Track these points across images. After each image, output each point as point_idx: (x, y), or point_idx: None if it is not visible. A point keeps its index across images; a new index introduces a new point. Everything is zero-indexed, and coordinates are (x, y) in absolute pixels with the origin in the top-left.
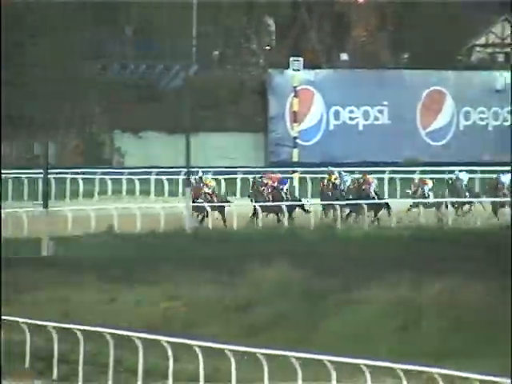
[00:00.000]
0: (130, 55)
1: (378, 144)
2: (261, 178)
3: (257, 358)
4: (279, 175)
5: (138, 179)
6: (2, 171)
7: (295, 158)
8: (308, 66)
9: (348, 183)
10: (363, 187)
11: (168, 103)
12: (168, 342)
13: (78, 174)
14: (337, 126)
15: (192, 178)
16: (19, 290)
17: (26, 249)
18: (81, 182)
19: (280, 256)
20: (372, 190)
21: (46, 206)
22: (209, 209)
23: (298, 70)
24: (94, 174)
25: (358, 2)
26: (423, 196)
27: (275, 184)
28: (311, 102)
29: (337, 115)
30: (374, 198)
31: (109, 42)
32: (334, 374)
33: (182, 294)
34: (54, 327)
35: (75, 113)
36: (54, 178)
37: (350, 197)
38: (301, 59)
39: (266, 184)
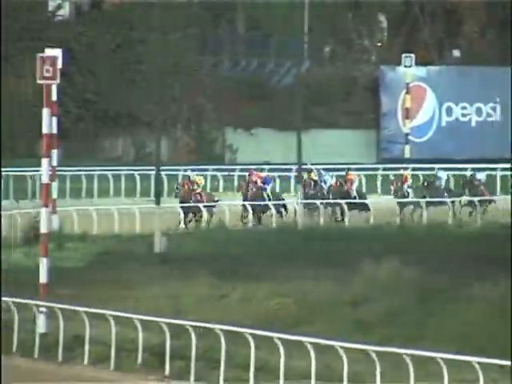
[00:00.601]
0: (242, 52)
1: (490, 141)
2: (249, 175)
3: (368, 355)
4: (262, 174)
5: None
6: (116, 168)
7: (407, 155)
8: (419, 62)
9: (328, 183)
10: (345, 186)
11: (279, 100)
12: (279, 339)
13: (190, 171)
14: (449, 122)
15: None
16: (132, 286)
17: (139, 245)
18: None
19: (387, 252)
20: (354, 188)
21: (158, 202)
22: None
23: (410, 67)
24: (206, 171)
25: None
26: None
27: (259, 183)
28: (423, 98)
29: (449, 112)
30: (355, 197)
31: (221, 40)
32: (445, 372)
33: (292, 290)
34: (167, 323)
35: (187, 110)
36: (166, 175)
37: (331, 196)
38: (412, 56)
39: (255, 182)
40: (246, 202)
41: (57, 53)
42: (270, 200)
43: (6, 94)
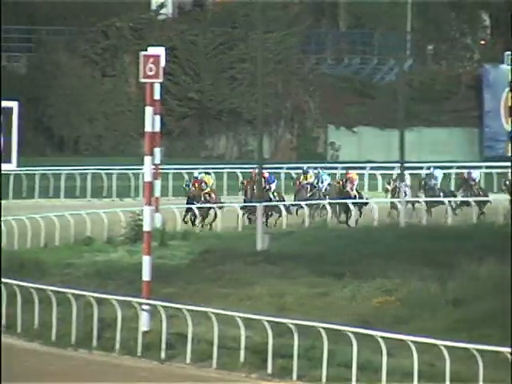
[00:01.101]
0: (345, 50)
1: None
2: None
3: (471, 354)
4: (266, 174)
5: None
6: (218, 166)
7: (509, 153)
8: None
9: (326, 182)
10: (345, 186)
11: (382, 98)
12: (382, 337)
13: (291, 168)
14: None
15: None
16: (235, 285)
17: (241, 243)
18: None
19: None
20: (355, 188)
21: (260, 200)
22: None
23: None
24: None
25: None
26: None
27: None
28: None
29: None
30: (355, 196)
31: (323, 37)
32: None
33: (396, 288)
34: (269, 321)
35: (290, 108)
36: (269, 172)
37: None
38: None
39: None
40: (303, 202)
41: (160, 51)
42: (274, 199)
43: (109, 92)
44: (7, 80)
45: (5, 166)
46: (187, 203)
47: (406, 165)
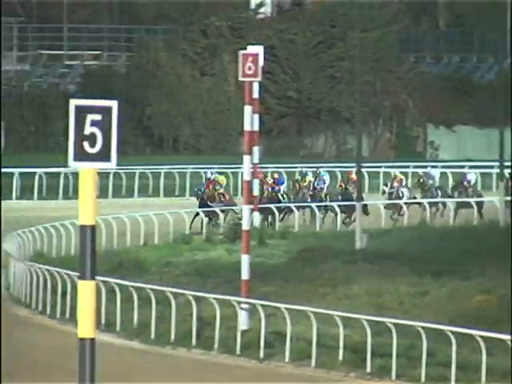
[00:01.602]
0: (444, 48)
1: None
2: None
3: None
4: (276, 175)
5: (451, 173)
6: (317, 165)
7: None
8: None
9: (327, 183)
10: (347, 187)
11: (481, 97)
12: (481, 337)
13: (390, 167)
14: None
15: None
16: (334, 283)
17: (339, 242)
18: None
19: None
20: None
21: (359, 199)
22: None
23: None
24: (407, 167)
25: None
26: None
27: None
28: None
29: None
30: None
31: (422, 36)
32: None
33: (495, 287)
34: (367, 320)
35: (388, 106)
36: (367, 171)
37: (338, 198)
38: None
39: (269, 183)
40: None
41: (259, 50)
42: (284, 200)
43: (208, 91)
44: (107, 79)
45: (104, 165)
46: (200, 206)
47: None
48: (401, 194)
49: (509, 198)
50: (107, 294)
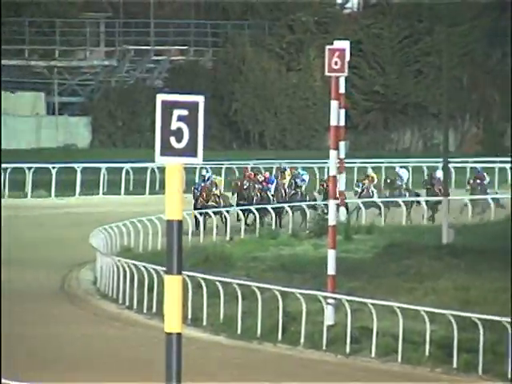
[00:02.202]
0: None
1: None
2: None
3: None
4: (267, 174)
5: None
6: (404, 159)
7: None
8: None
9: (306, 183)
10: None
11: None
12: None
13: (477, 162)
14: None
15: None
16: (420, 278)
17: (425, 237)
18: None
19: None
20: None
21: (446, 194)
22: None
23: None
24: (493, 163)
25: None
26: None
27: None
28: None
29: None
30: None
31: (509, 29)
32: None
33: None
34: (453, 315)
35: (475, 101)
36: (454, 167)
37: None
38: None
39: (259, 182)
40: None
41: (345, 45)
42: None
43: (294, 86)
44: (193, 74)
45: (190, 160)
46: (195, 208)
47: None
48: (371, 194)
49: None
50: (194, 288)
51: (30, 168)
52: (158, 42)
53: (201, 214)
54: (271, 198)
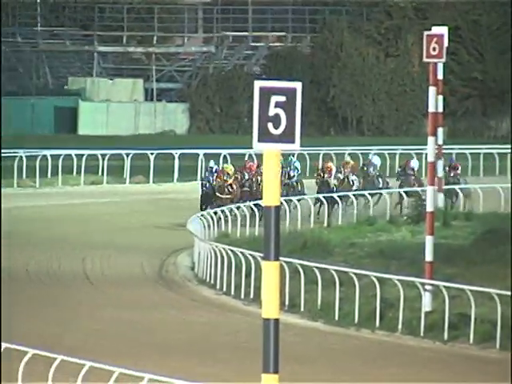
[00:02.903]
0: None
1: None
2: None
3: None
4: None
5: None
6: (503, 146)
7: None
8: None
9: (298, 171)
10: (325, 177)
11: None
12: None
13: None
14: None
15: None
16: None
17: None
18: None
19: None
20: (332, 179)
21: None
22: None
23: None
24: None
25: None
26: None
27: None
28: None
29: None
30: (333, 189)
31: None
32: None
33: None
34: None
35: None
36: None
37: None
38: None
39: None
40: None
41: (443, 31)
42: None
43: (392, 72)
44: (291, 60)
45: (288, 147)
46: (204, 199)
47: None
48: (351, 182)
49: None
50: (291, 274)
51: (128, 154)
52: (255, 28)
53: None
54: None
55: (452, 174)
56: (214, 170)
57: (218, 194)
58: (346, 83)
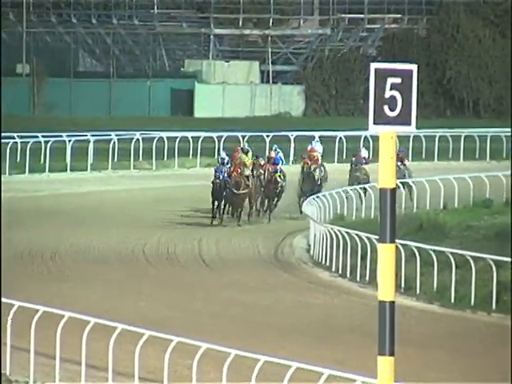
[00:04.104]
0: None
1: None
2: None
3: None
4: (273, 154)
5: None
6: None
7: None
8: None
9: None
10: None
11: None
12: None
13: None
14: None
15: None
16: None
17: None
18: None
19: None
20: (318, 170)
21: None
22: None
23: None
24: None
25: None
26: None
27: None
28: None
29: None
30: (320, 182)
31: None
32: None
33: None
34: None
35: None
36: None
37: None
38: None
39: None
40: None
41: None
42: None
43: (508, 55)
44: (407, 43)
45: (403, 129)
46: (216, 195)
47: None
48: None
49: None
50: (407, 257)
51: (243, 136)
52: (371, 10)
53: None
54: (280, 180)
55: None
56: (225, 162)
57: (234, 189)
58: (463, 65)
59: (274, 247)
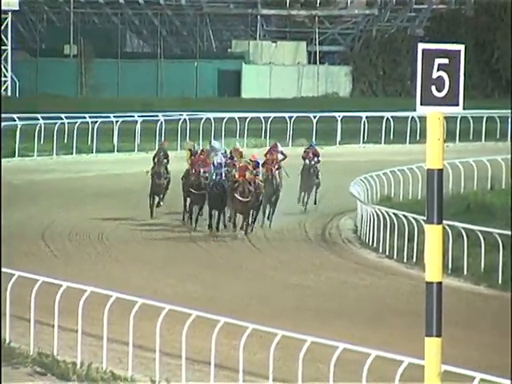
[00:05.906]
0: None
1: None
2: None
3: None
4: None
5: None
6: None
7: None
8: None
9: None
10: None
11: None
12: None
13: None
14: None
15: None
16: None
17: None
18: None
19: None
20: (278, 175)
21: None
22: None
23: None
24: None
25: None
26: None
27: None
28: None
29: None
30: (278, 188)
31: None
32: None
33: None
34: None
35: None
36: None
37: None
38: None
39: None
40: None
41: None
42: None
43: None
44: (455, 23)
45: (451, 109)
46: (211, 205)
47: None
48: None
49: None
50: (454, 237)
51: (290, 117)
52: None
53: None
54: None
55: None
56: (224, 162)
57: (237, 195)
58: (510, 45)
59: (322, 227)
